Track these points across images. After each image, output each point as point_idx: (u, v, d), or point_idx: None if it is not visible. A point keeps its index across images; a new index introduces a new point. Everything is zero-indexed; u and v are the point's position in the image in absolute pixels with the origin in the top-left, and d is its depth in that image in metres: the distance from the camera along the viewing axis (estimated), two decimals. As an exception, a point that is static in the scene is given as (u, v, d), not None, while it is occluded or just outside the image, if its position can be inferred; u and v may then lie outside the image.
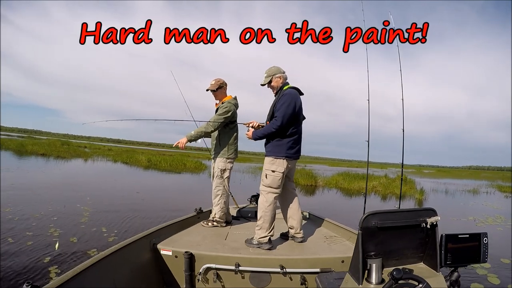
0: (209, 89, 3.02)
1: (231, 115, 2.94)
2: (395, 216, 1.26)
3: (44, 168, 12.51)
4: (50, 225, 4.37)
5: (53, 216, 4.91)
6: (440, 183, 21.53)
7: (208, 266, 2.13)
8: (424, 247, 1.33)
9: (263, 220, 2.43)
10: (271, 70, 2.57)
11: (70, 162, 16.56)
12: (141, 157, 21.30)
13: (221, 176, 2.99)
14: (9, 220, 4.43)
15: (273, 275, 2.15)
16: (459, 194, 14.52)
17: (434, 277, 1.24)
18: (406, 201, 10.60)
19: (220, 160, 2.99)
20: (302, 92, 2.58)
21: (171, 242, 2.39)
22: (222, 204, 2.99)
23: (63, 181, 9.26)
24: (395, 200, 10.70)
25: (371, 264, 1.20)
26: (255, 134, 2.55)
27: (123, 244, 1.98)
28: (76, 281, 1.45)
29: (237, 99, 3.09)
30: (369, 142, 3.47)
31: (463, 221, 7.41)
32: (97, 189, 8.25)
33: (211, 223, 3.00)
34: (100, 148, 36.67)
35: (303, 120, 2.64)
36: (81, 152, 24.78)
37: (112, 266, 1.79)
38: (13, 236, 3.78)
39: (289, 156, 2.47)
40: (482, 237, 1.31)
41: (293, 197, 2.66)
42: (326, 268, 2.11)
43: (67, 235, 4.00)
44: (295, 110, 2.42)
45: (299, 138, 2.57)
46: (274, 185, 2.45)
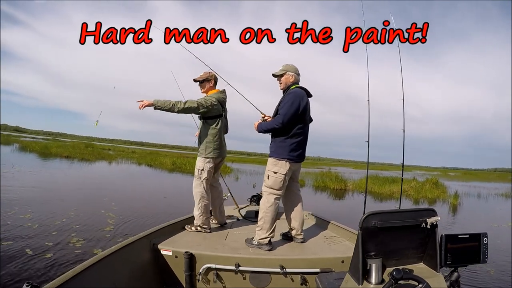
0: (196, 79, 2.87)
1: (208, 107, 2.68)
2: (395, 216, 1.26)
3: (68, 171, 12.35)
4: (72, 235, 4.01)
5: (75, 223, 4.57)
6: (469, 186, 20.85)
7: (208, 266, 2.13)
8: (424, 247, 1.33)
9: (263, 221, 2.43)
10: (288, 66, 2.57)
11: (95, 165, 16.42)
12: (166, 159, 20.94)
13: (199, 177, 2.74)
14: (28, 228, 4.11)
15: (273, 275, 2.15)
16: (492, 198, 14.01)
17: (434, 277, 1.24)
18: (439, 206, 10.06)
19: (199, 159, 2.78)
20: (311, 94, 2.55)
21: (171, 242, 2.39)
22: (202, 208, 2.73)
23: (86, 184, 9.03)
24: (430, 206, 10.04)
25: (371, 264, 1.20)
26: (260, 126, 2.54)
27: (123, 244, 1.98)
28: (76, 281, 1.45)
29: (225, 93, 2.89)
30: (369, 142, 3.52)
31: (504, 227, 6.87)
32: (122, 194, 7.95)
33: (194, 228, 2.77)
34: (124, 150, 36.33)
35: (311, 122, 2.61)
36: (105, 154, 24.58)
37: (112, 266, 1.79)
38: (32, 246, 3.44)
39: (292, 159, 2.44)
40: (482, 237, 1.30)
41: (297, 198, 2.65)
42: (326, 268, 2.11)
43: (89, 246, 3.69)
44: (299, 109, 2.40)
45: (304, 141, 2.53)
46: (276, 187, 2.44)
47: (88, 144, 32.23)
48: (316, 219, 3.42)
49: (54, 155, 19.04)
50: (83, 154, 20.56)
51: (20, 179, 8.41)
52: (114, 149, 36.28)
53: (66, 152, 20.37)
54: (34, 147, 22.60)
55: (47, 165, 13.86)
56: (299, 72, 2.59)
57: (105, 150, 30.57)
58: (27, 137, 46.48)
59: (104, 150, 31.15)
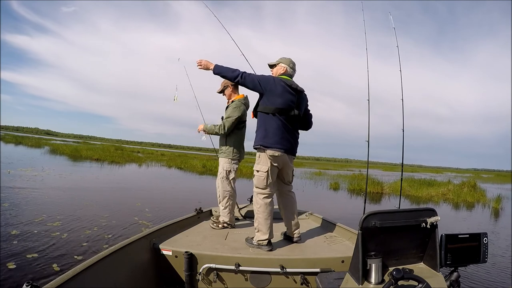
0: (218, 91, 3.11)
1: (241, 113, 2.90)
2: (395, 216, 1.26)
3: (99, 174, 11.88)
4: (104, 246, 3.65)
5: (107, 233, 4.18)
6: (505, 189, 19.70)
7: (208, 266, 2.13)
8: (424, 247, 1.33)
9: (258, 222, 2.41)
10: (284, 59, 2.55)
11: (125, 168, 16.02)
12: (195, 162, 20.65)
13: (227, 177, 2.94)
14: (56, 238, 3.73)
15: (273, 275, 2.15)
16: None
17: (434, 277, 1.24)
18: (480, 210, 9.65)
19: (226, 160, 2.95)
20: (299, 88, 2.43)
21: (171, 242, 2.39)
22: (230, 206, 2.94)
23: (117, 189, 8.62)
24: (471, 210, 9.58)
25: (371, 264, 1.20)
26: (218, 67, 2.42)
27: (123, 244, 1.97)
28: (76, 281, 1.45)
29: (248, 99, 3.06)
30: (369, 142, 3.53)
31: None
32: (155, 199, 7.39)
33: (221, 225, 2.94)
34: (153, 153, 35.85)
35: (297, 117, 2.44)
36: (135, 157, 24.05)
37: (112, 266, 1.79)
38: (60, 261, 3.06)
39: (269, 146, 2.31)
40: (482, 237, 1.31)
41: (289, 200, 2.60)
42: (326, 268, 2.11)
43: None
44: (267, 89, 2.33)
45: (284, 132, 2.37)
46: (260, 186, 2.39)
47: (118, 147, 32.11)
48: (316, 218, 3.42)
49: (84, 158, 18.74)
50: (113, 157, 20.21)
51: (49, 182, 8.14)
52: (143, 152, 35.79)
53: (96, 155, 20.01)
54: (65, 150, 22.47)
55: (77, 168, 13.50)
56: (293, 65, 2.54)
57: (135, 153, 30.12)
58: (57, 140, 45.97)
59: (134, 152, 30.66)
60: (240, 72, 2.37)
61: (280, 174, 2.50)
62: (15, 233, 3.73)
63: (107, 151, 23.40)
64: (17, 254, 3.11)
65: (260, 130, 2.40)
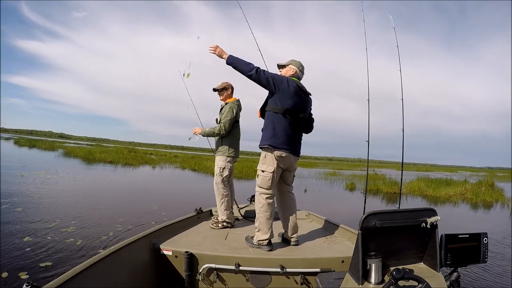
0: (215, 88, 3.16)
1: (235, 113, 3.02)
2: (395, 216, 1.26)
3: (113, 177, 11.79)
4: None
5: (124, 239, 3.70)
6: None
7: (208, 266, 2.13)
8: (424, 247, 1.33)
9: (259, 222, 2.41)
10: (293, 61, 2.56)
11: (139, 170, 15.83)
12: (209, 163, 19.15)
13: (221, 174, 3.00)
14: (71, 245, 3.56)
15: (273, 275, 2.15)
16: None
17: (434, 277, 1.24)
18: (499, 210, 9.39)
19: (220, 158, 3.04)
20: (307, 92, 2.46)
21: (171, 242, 2.39)
22: (226, 204, 2.98)
23: (132, 191, 8.37)
24: (490, 210, 9.29)
25: (371, 264, 1.20)
26: (232, 58, 2.35)
27: (123, 244, 1.98)
28: (76, 281, 1.45)
29: (240, 102, 3.17)
30: (369, 142, 3.54)
31: None
32: (170, 202, 7.12)
33: (221, 224, 2.95)
34: (166, 155, 35.42)
35: (304, 119, 2.47)
36: (148, 159, 23.88)
37: (112, 266, 1.79)
38: (70, 266, 2.77)
39: (276, 147, 2.31)
40: (482, 237, 1.31)
41: (289, 200, 2.59)
42: (326, 268, 2.11)
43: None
44: (280, 88, 2.31)
45: (291, 133, 2.38)
46: (264, 186, 2.39)
47: (131, 149, 31.95)
48: (316, 219, 3.41)
49: (98, 160, 18.53)
50: (127, 159, 20.02)
51: (63, 186, 8.03)
52: (156, 154, 35.38)
53: (109, 157, 19.85)
54: (78, 152, 22.32)
55: (91, 171, 13.37)
56: (302, 68, 2.55)
57: (148, 155, 29.84)
58: (71, 143, 45.67)
59: (147, 154, 30.30)
60: (255, 67, 2.31)
61: (282, 174, 2.50)
62: (27, 240, 3.60)
63: (121, 153, 23.29)
64: (30, 263, 2.95)
65: (267, 129, 2.38)
